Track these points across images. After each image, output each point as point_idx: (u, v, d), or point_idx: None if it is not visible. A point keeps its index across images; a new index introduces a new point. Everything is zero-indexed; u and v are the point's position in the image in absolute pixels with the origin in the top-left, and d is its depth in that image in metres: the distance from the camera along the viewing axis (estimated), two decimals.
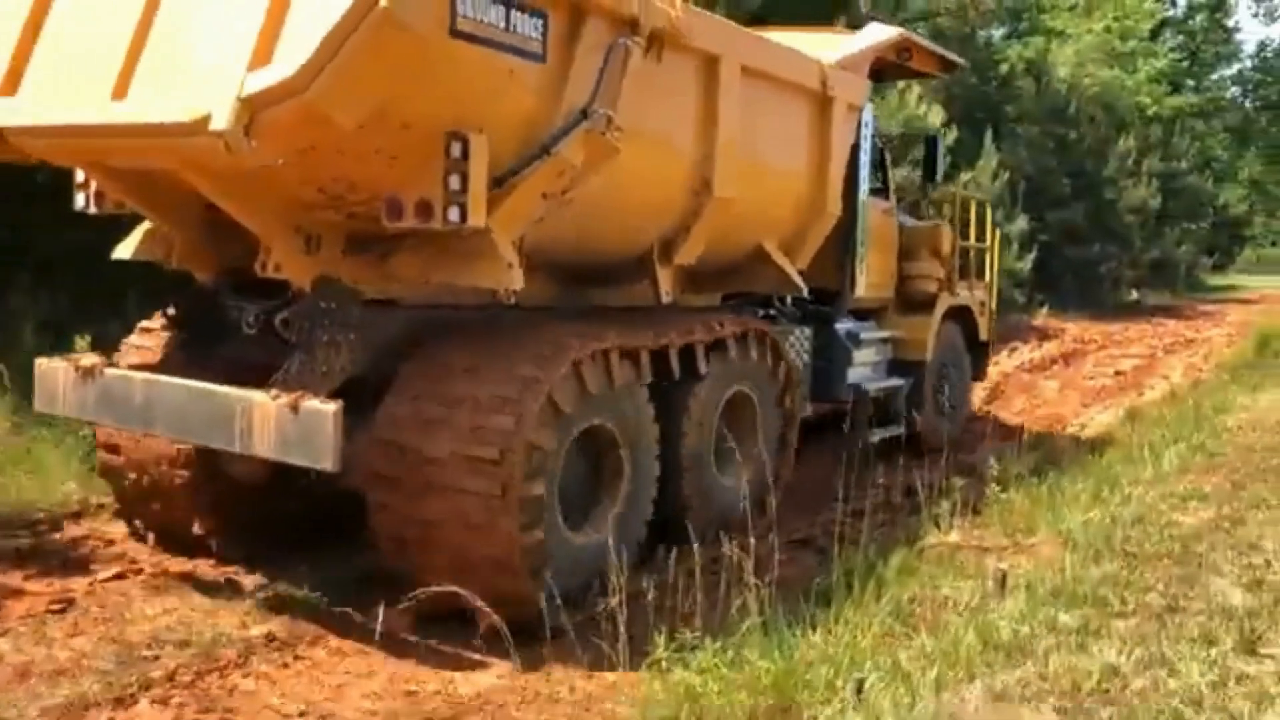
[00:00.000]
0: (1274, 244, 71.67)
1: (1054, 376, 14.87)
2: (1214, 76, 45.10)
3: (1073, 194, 26.32)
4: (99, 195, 5.59)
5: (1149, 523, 5.97)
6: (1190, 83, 41.87)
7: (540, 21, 4.65)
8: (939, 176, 9.33)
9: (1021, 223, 21.75)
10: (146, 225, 5.81)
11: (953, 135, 17.80)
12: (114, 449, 5.76)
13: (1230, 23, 44.67)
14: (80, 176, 5.63)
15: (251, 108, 3.99)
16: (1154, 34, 36.70)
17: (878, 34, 7.85)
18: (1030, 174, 24.10)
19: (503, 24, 4.46)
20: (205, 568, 5.60)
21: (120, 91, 4.42)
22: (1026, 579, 4.91)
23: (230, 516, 5.68)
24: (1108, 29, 32.62)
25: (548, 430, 4.74)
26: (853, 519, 5.70)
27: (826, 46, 7.30)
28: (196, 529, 5.66)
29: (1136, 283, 30.60)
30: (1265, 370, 13.19)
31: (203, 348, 5.43)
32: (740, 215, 6.27)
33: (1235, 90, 46.64)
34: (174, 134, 4.15)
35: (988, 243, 10.35)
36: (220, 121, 3.98)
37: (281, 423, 4.48)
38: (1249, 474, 7.24)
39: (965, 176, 17.96)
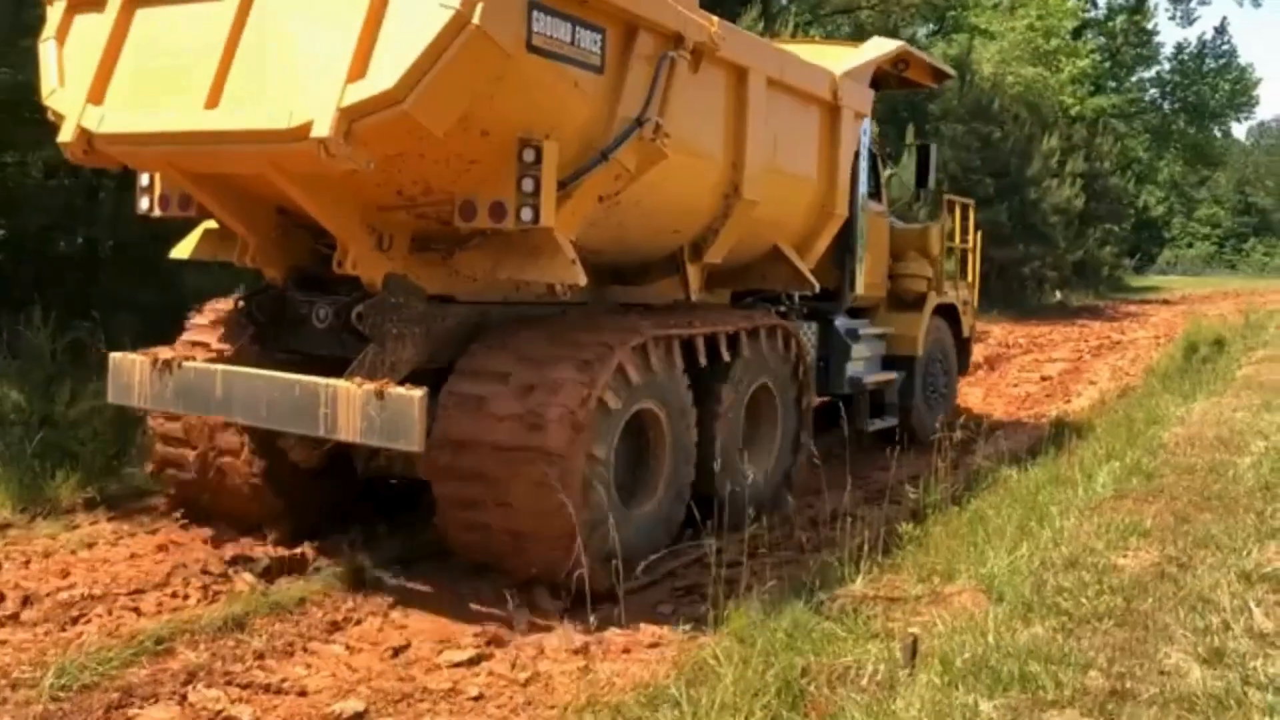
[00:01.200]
0: (1190, 245, 73.46)
1: (978, 383, 13.99)
2: (1134, 79, 45.77)
3: (996, 194, 26.10)
4: (163, 199, 5.89)
5: (1084, 566, 5.05)
6: (1112, 84, 42.49)
7: (599, 36, 5.03)
8: (931, 183, 9.82)
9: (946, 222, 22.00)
10: (203, 227, 6.14)
11: (875, 131, 18.16)
12: (176, 442, 6.05)
13: (1149, 25, 44.60)
14: (144, 181, 5.92)
15: (350, 116, 4.35)
16: (1076, 34, 36.99)
17: (880, 47, 8.33)
18: (954, 173, 23.98)
19: (569, 39, 4.84)
20: (262, 548, 5.90)
21: (213, 101, 4.76)
22: (942, 646, 4.11)
23: (289, 500, 6.00)
24: (1031, 27, 32.76)
25: (614, 396, 5.17)
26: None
27: (833, 58, 7.74)
28: (257, 513, 5.96)
29: (1060, 284, 30.59)
30: (1195, 377, 12.48)
31: (268, 341, 5.73)
32: (761, 217, 6.68)
33: (1154, 92, 47.30)
34: (275, 140, 4.50)
35: (970, 244, 10.87)
36: (322, 129, 4.33)
37: (367, 408, 4.82)
38: (1192, 502, 6.36)
39: (887, 173, 18.31)
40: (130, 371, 5.57)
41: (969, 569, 5.15)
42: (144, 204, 5.95)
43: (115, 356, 5.66)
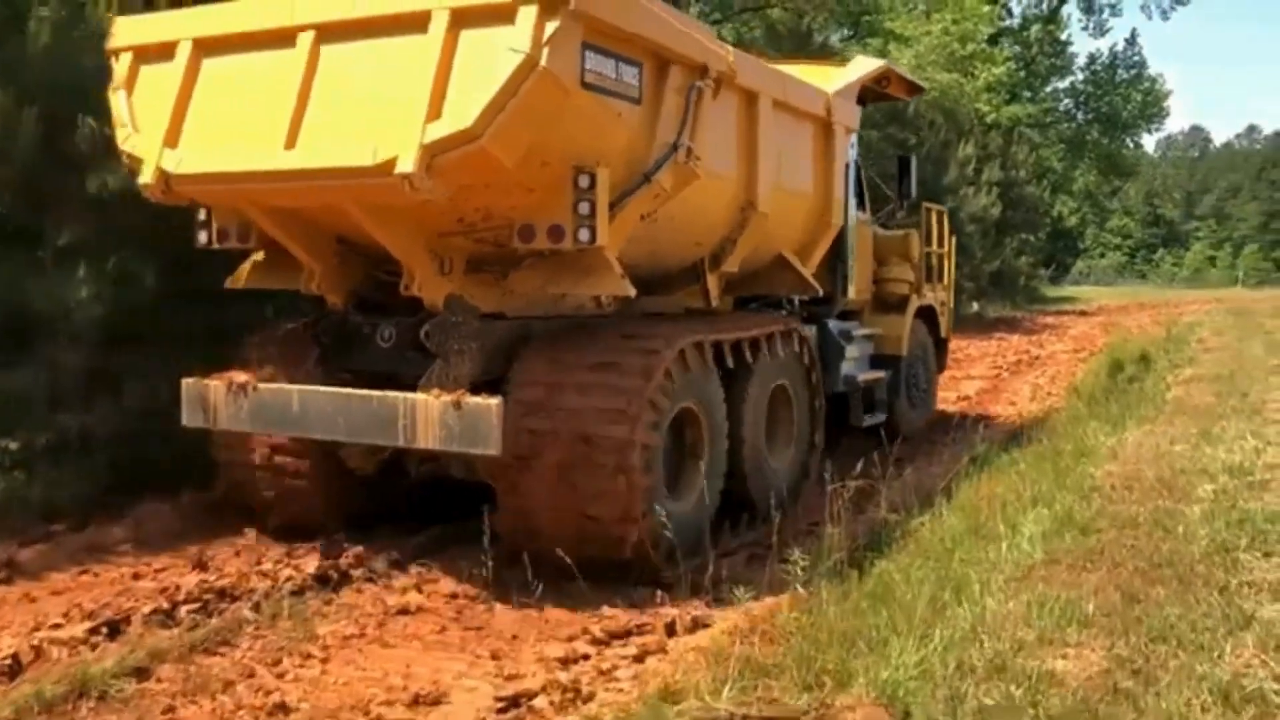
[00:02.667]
0: (1103, 255, 75.11)
1: None
2: (1048, 88, 46.11)
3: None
4: (221, 233, 6.29)
5: (1012, 674, 4.05)
6: (1027, 94, 42.50)
7: (637, 70, 5.53)
8: (913, 194, 10.42)
9: None
10: (252, 259, 6.54)
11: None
12: (241, 463, 6.43)
13: (1062, 35, 45.37)
14: (202, 216, 6.32)
15: (431, 152, 4.81)
16: (992, 41, 37.00)
17: (865, 66, 8.92)
18: (870, 179, 24.23)
19: (614, 74, 5.34)
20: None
21: (291, 142, 5.21)
22: None
23: (347, 505, 6.42)
24: (946, 31, 32.18)
25: (663, 395, 5.66)
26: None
27: (824, 78, 8.31)
28: (319, 517, 6.37)
29: (977, 294, 29.89)
30: (1122, 398, 11.35)
31: (330, 362, 6.15)
32: (771, 228, 7.21)
33: (1068, 102, 47.54)
34: (359, 176, 4.95)
35: (946, 249, 11.50)
36: (406, 164, 4.79)
37: (446, 418, 5.27)
38: (1139, 571, 5.26)
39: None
40: (205, 395, 5.95)
41: (868, 670, 4.09)
42: (202, 238, 6.33)
43: (188, 382, 6.04)
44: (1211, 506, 6.47)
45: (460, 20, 4.91)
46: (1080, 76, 46.83)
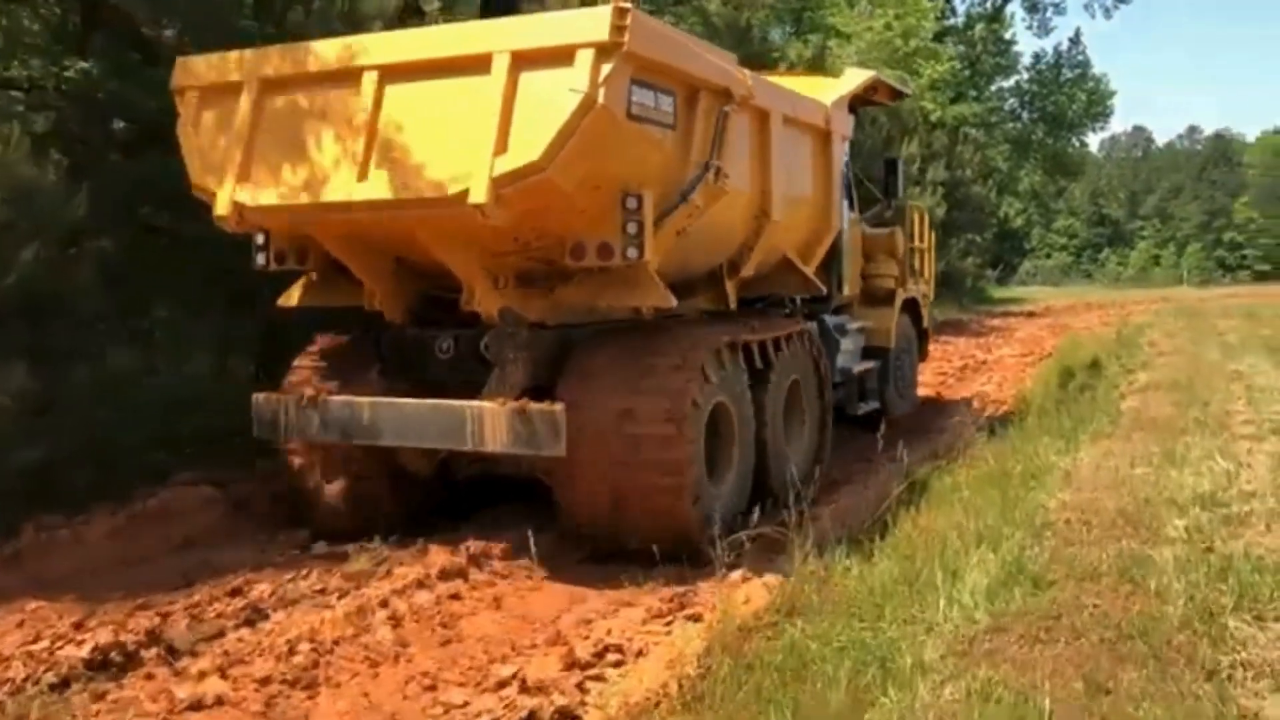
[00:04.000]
0: (1049, 256, 75.43)
1: None
2: (994, 88, 45.16)
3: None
4: (278, 255, 6.74)
5: None
6: (972, 93, 41.61)
7: (671, 99, 6.05)
8: (901, 194, 11.04)
9: None
10: (305, 279, 6.99)
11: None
12: (307, 468, 6.85)
13: (1007, 35, 44.32)
14: (260, 240, 6.74)
15: (500, 184, 5.31)
16: (938, 39, 36.23)
17: (858, 77, 9.51)
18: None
19: (653, 104, 5.85)
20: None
21: (363, 175, 5.67)
22: None
23: (407, 502, 6.90)
24: (888, 26, 31.29)
25: (703, 395, 6.22)
26: None
27: (820, 89, 8.88)
28: (382, 517, 6.83)
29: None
30: (1074, 409, 10.37)
31: (389, 374, 6.62)
32: (780, 233, 7.76)
33: (1013, 102, 46.74)
34: (433, 206, 5.45)
35: (926, 244, 12.14)
36: (479, 195, 5.29)
37: (512, 423, 5.77)
38: (1106, 644, 4.34)
39: None
40: (274, 409, 6.41)
41: None
42: (260, 260, 6.77)
43: (259, 397, 6.49)
44: (1185, 549, 5.52)
45: (521, 62, 5.41)
46: (1025, 76, 46.45)
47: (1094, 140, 74.60)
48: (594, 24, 5.31)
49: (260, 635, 5.23)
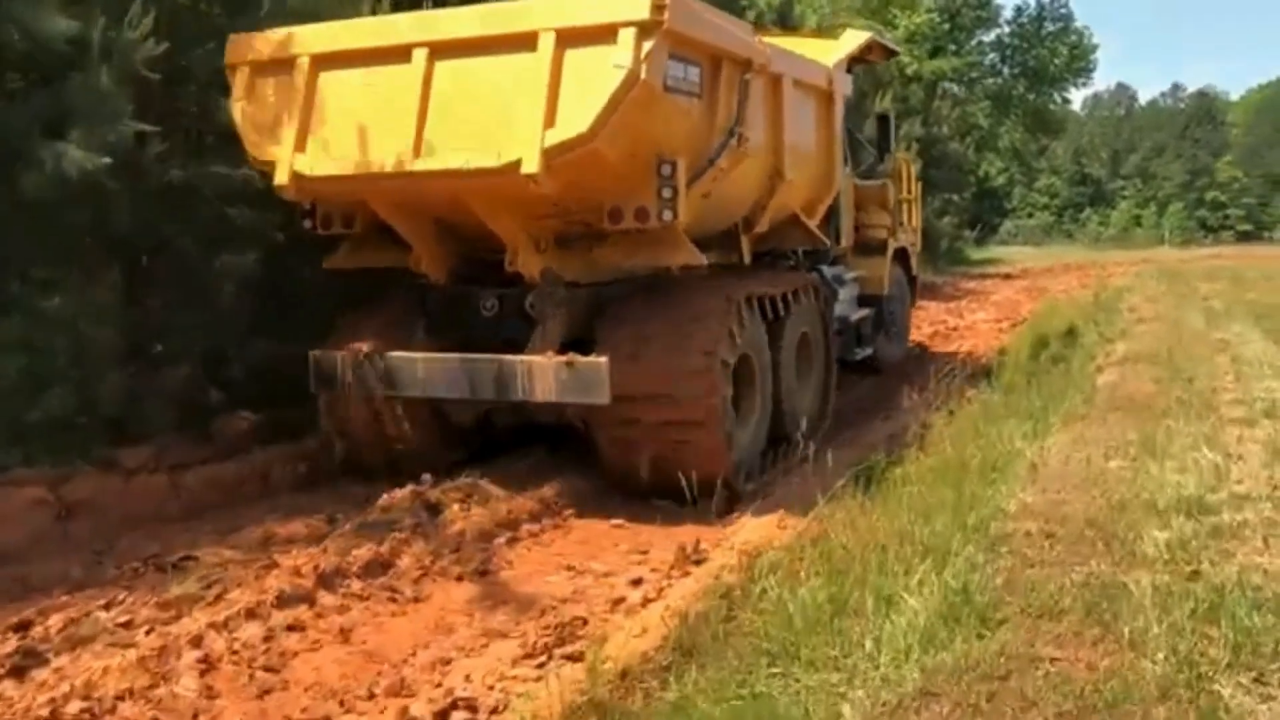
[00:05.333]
0: (1030, 215, 74.49)
1: None
2: (973, 42, 43.63)
3: None
4: (325, 220, 7.15)
5: None
6: (952, 47, 40.38)
7: (698, 70, 6.48)
8: (893, 149, 11.54)
9: None
10: (346, 243, 7.40)
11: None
12: (347, 419, 7.27)
13: None
14: (307, 205, 7.14)
15: (551, 155, 5.74)
16: None
17: (856, 39, 9.97)
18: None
19: (684, 76, 6.29)
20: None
21: (417, 147, 6.08)
22: None
23: (450, 452, 7.38)
24: None
25: (730, 348, 6.72)
26: None
27: (822, 51, 9.31)
28: (427, 464, 7.30)
29: None
30: (1045, 383, 9.34)
31: (434, 330, 7.07)
32: (790, 191, 8.24)
33: (994, 56, 44.82)
34: (487, 176, 5.88)
35: (913, 195, 12.66)
36: (531, 166, 5.73)
37: (560, 375, 6.26)
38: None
39: None
40: (332, 364, 6.85)
41: None
42: (307, 224, 7.18)
43: (316, 354, 6.93)
44: (1167, 575, 4.56)
45: (566, 40, 5.83)
46: (1006, 30, 44.86)
47: (1077, 98, 73.71)
48: (636, 3, 5.72)
49: (27, 689, 4.13)
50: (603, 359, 6.23)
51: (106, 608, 4.96)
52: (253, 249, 7.75)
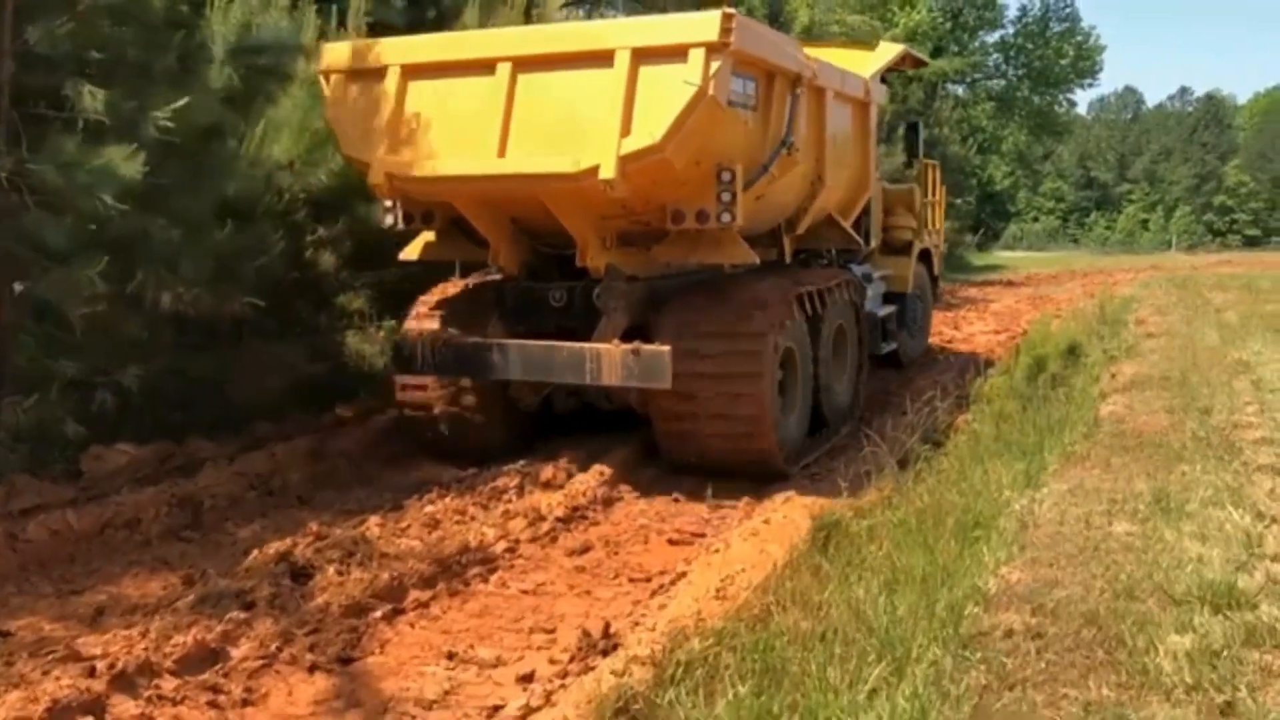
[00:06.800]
0: (1036, 219, 73.37)
1: None
2: (976, 42, 43.24)
3: None
4: (406, 216, 7.77)
5: None
6: (954, 48, 40.00)
7: (753, 84, 7.09)
8: (920, 154, 12.14)
9: None
10: (423, 236, 8.03)
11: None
12: (422, 405, 7.89)
13: None
14: (388, 202, 7.76)
15: (626, 162, 6.35)
16: None
17: (891, 50, 10.59)
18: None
19: (742, 90, 6.90)
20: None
21: (501, 152, 6.70)
22: None
23: (515, 433, 8.00)
24: None
25: (778, 341, 7.32)
26: None
27: (859, 62, 9.92)
28: (494, 445, 7.94)
29: None
30: (1043, 412, 8.21)
31: (506, 319, 7.69)
32: (829, 195, 8.84)
33: (998, 57, 44.42)
34: (566, 180, 6.49)
35: (938, 198, 13.28)
36: (608, 171, 6.34)
37: (626, 361, 6.88)
38: None
39: None
40: (414, 345, 7.48)
41: None
42: (388, 220, 7.80)
43: (400, 335, 7.56)
44: (1191, 709, 3.45)
45: (640, 57, 6.43)
46: (1010, 30, 44.38)
47: (1083, 101, 73.17)
48: (705, 26, 6.33)
49: None
50: (665, 347, 6.85)
51: None
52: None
